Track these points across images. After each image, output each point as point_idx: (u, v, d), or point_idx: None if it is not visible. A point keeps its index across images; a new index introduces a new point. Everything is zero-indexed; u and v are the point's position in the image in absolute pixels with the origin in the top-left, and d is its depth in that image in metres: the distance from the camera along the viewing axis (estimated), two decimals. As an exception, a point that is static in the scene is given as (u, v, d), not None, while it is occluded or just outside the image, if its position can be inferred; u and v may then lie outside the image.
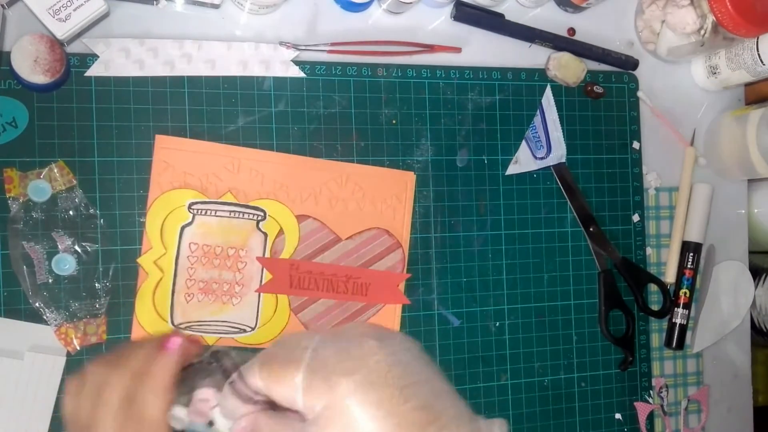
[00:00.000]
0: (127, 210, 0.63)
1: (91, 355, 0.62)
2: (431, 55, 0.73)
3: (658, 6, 0.77)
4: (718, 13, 0.70)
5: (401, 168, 0.71)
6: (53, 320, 0.61)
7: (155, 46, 0.64)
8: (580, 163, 0.77)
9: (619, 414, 0.78)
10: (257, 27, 0.68)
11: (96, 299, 0.62)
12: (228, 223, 0.65)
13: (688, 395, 0.81)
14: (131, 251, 0.63)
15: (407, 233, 0.71)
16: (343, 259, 0.68)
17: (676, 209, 0.81)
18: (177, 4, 0.66)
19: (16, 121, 0.61)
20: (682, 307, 0.80)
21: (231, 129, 0.66)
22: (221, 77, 0.66)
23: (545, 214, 0.76)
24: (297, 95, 0.68)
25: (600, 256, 0.77)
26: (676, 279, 0.80)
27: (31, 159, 0.61)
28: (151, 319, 0.63)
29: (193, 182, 0.64)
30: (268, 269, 0.66)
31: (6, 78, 0.61)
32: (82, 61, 0.63)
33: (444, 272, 0.72)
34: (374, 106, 0.71)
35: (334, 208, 0.68)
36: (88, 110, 0.63)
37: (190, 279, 0.64)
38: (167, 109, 0.65)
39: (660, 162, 0.81)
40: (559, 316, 0.76)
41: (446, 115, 0.73)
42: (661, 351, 0.81)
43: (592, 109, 0.78)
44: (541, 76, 0.76)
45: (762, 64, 0.75)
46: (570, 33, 0.78)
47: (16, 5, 0.60)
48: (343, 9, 0.71)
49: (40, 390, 0.60)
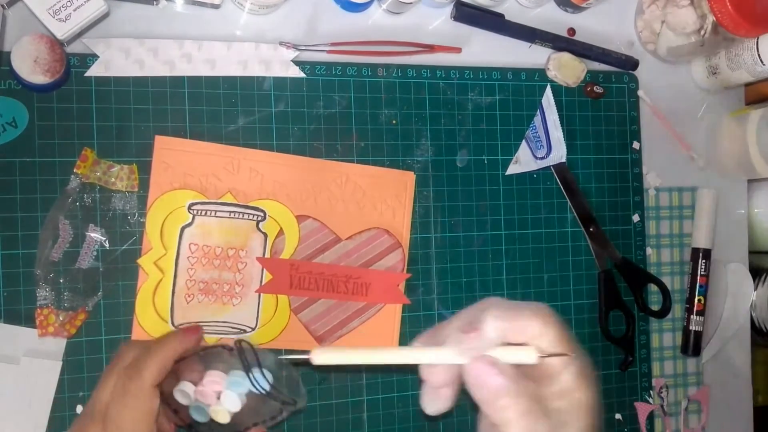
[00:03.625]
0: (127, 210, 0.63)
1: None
2: (431, 55, 0.73)
3: (658, 6, 0.77)
4: (718, 13, 0.70)
5: (401, 168, 0.71)
6: (42, 298, 0.61)
7: (155, 46, 0.64)
8: (580, 163, 0.77)
9: (619, 414, 0.78)
10: (257, 27, 0.68)
11: (89, 297, 0.62)
12: (228, 224, 0.65)
13: (689, 395, 0.81)
14: (131, 252, 0.63)
15: (407, 233, 0.71)
16: (343, 260, 0.68)
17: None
18: (177, 4, 0.66)
19: (16, 121, 0.61)
20: (696, 314, 0.80)
21: (231, 129, 0.66)
22: (221, 77, 0.66)
23: (545, 214, 0.76)
24: (297, 95, 0.68)
25: (600, 257, 0.77)
26: (689, 286, 0.81)
27: (32, 159, 0.61)
28: (151, 319, 0.63)
29: (193, 183, 0.64)
30: (268, 270, 0.66)
31: (6, 78, 0.61)
32: (82, 61, 0.63)
33: (444, 272, 0.72)
34: (374, 106, 0.71)
35: (334, 209, 0.68)
36: (88, 110, 0.63)
37: (190, 279, 0.64)
38: (167, 109, 0.65)
39: (660, 162, 0.81)
40: (559, 316, 0.76)
41: (446, 115, 0.73)
42: (661, 351, 0.81)
43: (592, 109, 0.78)
44: (541, 76, 0.76)
45: (762, 64, 0.75)
46: (570, 33, 0.78)
47: (16, 5, 0.60)
48: (343, 9, 0.71)
49: (36, 394, 0.60)
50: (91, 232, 0.62)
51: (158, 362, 0.49)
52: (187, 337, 0.51)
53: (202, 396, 0.51)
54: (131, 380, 0.48)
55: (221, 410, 0.51)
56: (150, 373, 0.48)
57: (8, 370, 0.59)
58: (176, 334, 0.51)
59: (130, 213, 0.63)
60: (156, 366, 0.48)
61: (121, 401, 0.47)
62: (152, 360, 0.48)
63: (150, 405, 0.48)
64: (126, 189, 0.63)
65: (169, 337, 0.51)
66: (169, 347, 0.50)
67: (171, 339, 0.51)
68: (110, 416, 0.47)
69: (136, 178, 0.63)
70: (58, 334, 0.61)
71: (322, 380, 0.68)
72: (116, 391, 0.48)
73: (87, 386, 0.61)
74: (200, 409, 0.51)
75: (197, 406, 0.51)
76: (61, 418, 0.61)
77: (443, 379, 0.39)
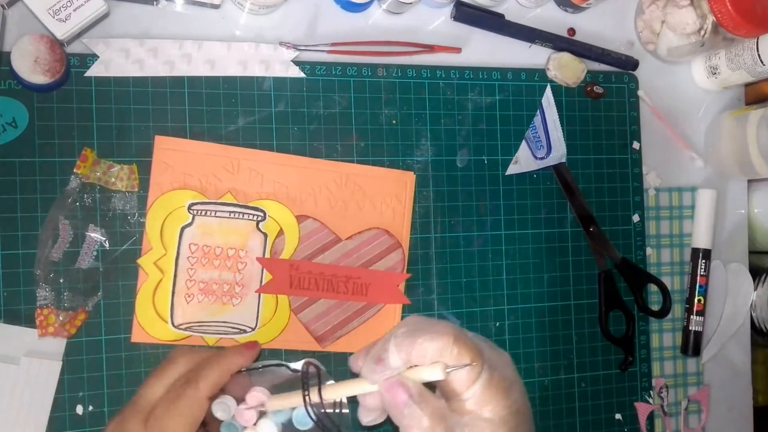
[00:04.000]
0: (127, 210, 0.63)
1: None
2: (431, 55, 0.73)
3: (658, 6, 0.77)
4: (718, 14, 0.70)
5: (401, 168, 0.71)
6: (42, 298, 0.61)
7: (155, 47, 0.64)
8: (580, 163, 0.77)
9: (619, 414, 0.78)
10: (257, 27, 0.68)
11: (89, 297, 0.62)
12: (228, 224, 0.65)
13: (689, 395, 0.81)
14: (131, 252, 0.63)
15: (407, 233, 0.71)
16: (343, 260, 0.68)
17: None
18: (177, 4, 0.66)
19: (16, 122, 0.61)
20: (696, 314, 0.80)
21: (231, 129, 0.66)
22: (221, 77, 0.66)
23: (545, 215, 0.76)
24: (297, 95, 0.68)
25: (600, 257, 0.77)
26: (689, 286, 0.81)
27: (32, 159, 0.61)
28: (151, 320, 0.63)
29: (193, 183, 0.64)
30: (268, 270, 0.66)
31: (6, 78, 0.61)
32: (82, 61, 0.63)
33: (444, 272, 0.72)
34: (374, 107, 0.71)
35: (334, 209, 0.68)
36: (88, 110, 0.63)
37: (190, 280, 0.64)
38: (167, 110, 0.65)
39: (660, 162, 0.81)
40: (559, 316, 0.76)
41: (446, 116, 0.73)
42: (661, 351, 0.81)
43: (592, 109, 0.78)
44: (541, 76, 0.76)
45: (762, 64, 0.75)
46: (570, 33, 0.78)
47: (16, 5, 0.60)
48: (343, 9, 0.71)
49: (36, 395, 0.60)
50: (91, 232, 0.62)
51: (218, 374, 0.49)
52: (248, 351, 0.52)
53: (240, 416, 0.50)
54: (189, 386, 0.48)
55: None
56: (207, 383, 0.48)
57: (8, 370, 0.59)
58: (238, 348, 0.52)
59: (130, 213, 0.63)
60: (215, 377, 0.49)
61: (172, 404, 0.47)
62: (212, 371, 0.49)
63: (199, 414, 0.48)
64: (126, 189, 0.63)
65: (231, 351, 0.51)
66: (230, 360, 0.50)
67: (232, 353, 0.51)
68: (156, 416, 0.47)
69: (136, 178, 0.63)
70: (58, 334, 0.61)
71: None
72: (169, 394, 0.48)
73: (87, 386, 0.61)
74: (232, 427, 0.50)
75: (230, 424, 0.50)
76: (61, 418, 0.61)
77: (373, 402, 0.44)
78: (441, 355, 0.41)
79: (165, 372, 0.50)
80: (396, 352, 0.42)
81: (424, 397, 0.41)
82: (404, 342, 0.42)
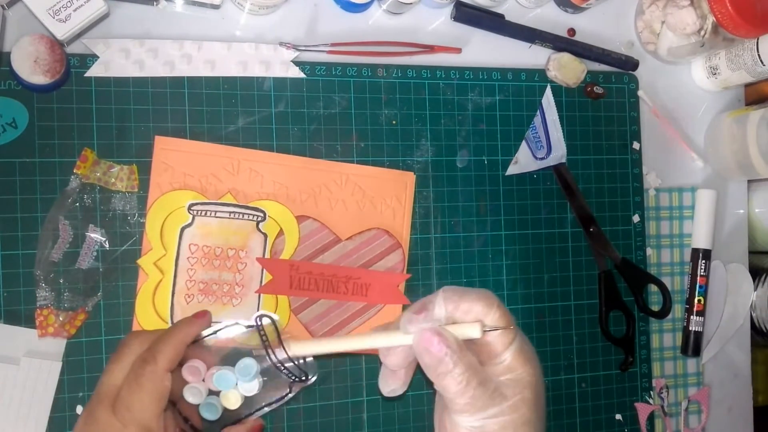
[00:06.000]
0: (127, 211, 0.63)
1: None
2: (431, 55, 0.73)
3: (658, 6, 0.77)
4: (718, 14, 0.70)
5: (401, 168, 0.71)
6: (42, 298, 0.61)
7: (155, 47, 0.64)
8: (580, 164, 0.77)
9: (619, 415, 0.78)
10: (257, 27, 0.68)
11: (89, 297, 0.62)
12: (228, 224, 0.65)
13: (689, 396, 0.81)
14: (131, 252, 0.63)
15: (407, 234, 0.71)
16: (343, 260, 0.68)
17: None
18: (177, 5, 0.66)
19: (16, 122, 0.61)
20: (696, 314, 0.80)
21: (231, 130, 0.66)
22: (221, 78, 0.66)
23: (545, 215, 0.76)
24: (297, 96, 0.68)
25: (600, 257, 0.77)
26: (689, 286, 0.80)
27: (31, 159, 0.61)
28: (151, 320, 0.63)
29: (193, 183, 0.64)
30: (268, 270, 0.66)
31: (6, 78, 0.61)
32: (82, 61, 0.63)
33: (444, 273, 0.72)
34: (374, 107, 0.71)
35: (334, 209, 0.68)
36: (88, 111, 0.63)
37: (190, 280, 0.64)
38: (167, 110, 0.65)
39: (660, 162, 0.81)
40: (560, 316, 0.76)
41: (446, 116, 0.73)
42: (661, 352, 0.81)
43: (592, 109, 0.78)
44: (541, 77, 0.76)
45: (762, 64, 0.75)
46: (570, 33, 0.78)
47: (16, 5, 0.60)
48: (343, 9, 0.71)
49: (36, 395, 0.60)
50: (91, 232, 0.62)
51: (172, 346, 0.49)
52: (197, 320, 0.52)
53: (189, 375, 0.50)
54: (147, 363, 0.48)
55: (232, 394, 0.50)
56: (164, 356, 0.48)
57: (8, 371, 0.59)
58: (188, 318, 0.52)
59: (130, 213, 0.63)
60: (170, 350, 0.49)
61: (135, 384, 0.48)
62: (167, 345, 0.49)
63: (162, 389, 0.48)
64: (126, 189, 0.63)
65: (182, 322, 0.52)
66: (183, 332, 0.50)
67: (183, 324, 0.51)
68: (122, 399, 0.48)
69: (136, 179, 0.63)
70: (58, 335, 0.61)
71: (322, 380, 0.68)
72: (130, 376, 0.49)
73: (87, 387, 0.61)
74: (211, 406, 0.51)
75: (208, 403, 0.51)
76: (61, 419, 0.61)
77: (399, 361, 0.44)
78: (485, 314, 0.43)
79: (122, 356, 0.50)
80: (443, 303, 0.43)
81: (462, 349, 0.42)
82: (453, 296, 0.43)
